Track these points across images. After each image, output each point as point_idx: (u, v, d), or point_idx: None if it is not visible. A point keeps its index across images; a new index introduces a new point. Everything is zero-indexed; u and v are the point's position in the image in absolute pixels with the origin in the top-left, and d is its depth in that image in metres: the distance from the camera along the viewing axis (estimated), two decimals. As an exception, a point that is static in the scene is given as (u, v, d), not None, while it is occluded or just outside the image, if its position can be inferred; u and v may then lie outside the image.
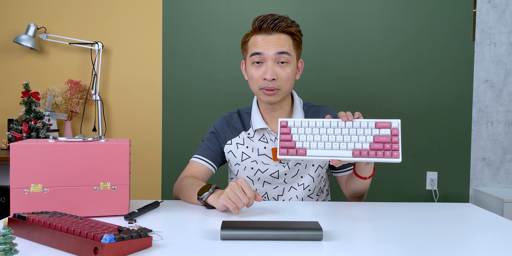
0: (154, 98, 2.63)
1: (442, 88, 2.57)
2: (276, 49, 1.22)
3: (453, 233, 0.89)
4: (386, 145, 1.03)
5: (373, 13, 2.57)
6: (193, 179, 1.24)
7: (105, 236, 0.69)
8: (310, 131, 1.08)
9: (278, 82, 1.24)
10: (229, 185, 1.01)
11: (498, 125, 2.63)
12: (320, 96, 2.54)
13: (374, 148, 1.03)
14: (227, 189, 1.01)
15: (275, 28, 1.23)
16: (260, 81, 1.24)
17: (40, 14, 2.60)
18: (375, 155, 1.03)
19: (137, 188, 2.56)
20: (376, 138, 1.03)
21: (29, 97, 2.31)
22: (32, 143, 0.94)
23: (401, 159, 1.02)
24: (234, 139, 1.36)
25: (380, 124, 1.05)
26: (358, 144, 1.04)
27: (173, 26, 2.61)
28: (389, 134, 1.03)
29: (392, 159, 1.02)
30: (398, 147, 1.02)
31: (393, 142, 1.03)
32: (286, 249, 0.77)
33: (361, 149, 1.04)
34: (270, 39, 1.23)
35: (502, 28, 2.61)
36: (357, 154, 1.04)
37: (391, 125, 1.04)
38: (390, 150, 1.02)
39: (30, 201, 0.93)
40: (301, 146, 1.07)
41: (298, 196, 1.33)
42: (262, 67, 1.24)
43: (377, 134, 1.04)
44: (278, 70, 1.23)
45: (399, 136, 1.03)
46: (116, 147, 0.98)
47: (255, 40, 1.25)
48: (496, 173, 2.64)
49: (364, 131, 1.05)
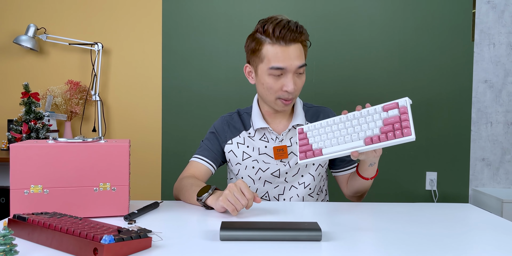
0: (153, 99, 2.63)
1: (441, 89, 2.57)
2: (298, 63, 1.21)
3: (453, 234, 0.89)
4: (396, 124, 0.97)
5: (372, 13, 2.57)
6: (193, 179, 1.24)
7: (104, 236, 0.69)
8: (323, 130, 1.08)
9: (296, 91, 1.25)
10: (228, 186, 1.01)
11: (498, 125, 2.63)
12: (319, 96, 2.55)
13: (384, 131, 0.98)
14: (225, 190, 1.01)
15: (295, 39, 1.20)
16: (279, 92, 1.24)
17: (40, 15, 2.60)
18: (386, 138, 0.97)
19: (137, 188, 2.57)
20: (385, 121, 0.99)
21: (29, 98, 2.31)
22: (32, 144, 0.94)
23: (414, 136, 0.94)
24: (235, 138, 1.36)
25: (387, 106, 1.00)
26: (369, 131, 1.00)
27: (173, 27, 2.61)
28: (398, 113, 0.98)
29: (404, 138, 0.95)
30: (409, 124, 0.95)
31: (403, 120, 0.96)
32: (285, 249, 0.77)
33: (372, 135, 1.00)
34: (290, 52, 1.20)
35: (501, 28, 2.61)
36: (369, 141, 1.00)
37: (398, 105, 0.99)
38: (401, 129, 0.96)
39: (30, 201, 0.93)
40: (316, 147, 1.07)
41: (299, 195, 1.33)
42: (282, 79, 1.22)
43: (386, 117, 0.99)
44: (297, 81, 1.24)
45: (409, 113, 0.97)
46: (116, 148, 0.98)
47: (274, 51, 1.20)
48: (496, 173, 2.65)
49: (373, 117, 1.02)
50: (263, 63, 1.23)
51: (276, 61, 1.20)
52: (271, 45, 1.21)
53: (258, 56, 1.24)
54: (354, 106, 2.56)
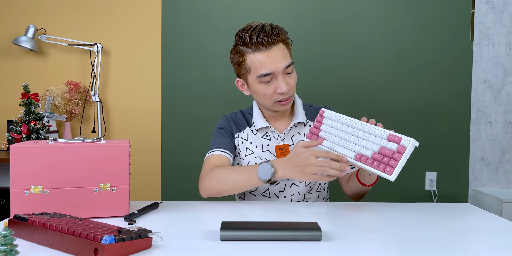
0: (153, 99, 2.63)
1: (441, 89, 2.57)
2: (284, 64, 1.21)
3: (452, 234, 0.90)
4: (385, 158, 0.98)
5: (372, 14, 2.57)
6: (226, 166, 1.24)
7: (105, 237, 0.70)
8: (336, 125, 1.11)
9: (291, 90, 1.25)
10: (302, 157, 1.03)
11: (497, 125, 2.64)
12: (319, 97, 2.55)
13: (374, 157, 1.00)
14: (307, 166, 1.02)
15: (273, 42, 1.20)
16: (275, 95, 1.24)
17: (39, 16, 2.60)
18: (371, 164, 1.00)
19: (137, 189, 2.57)
20: (381, 149, 1.00)
21: (29, 99, 2.31)
22: (32, 145, 0.94)
23: (394, 177, 0.96)
24: (240, 133, 1.37)
25: (392, 137, 1.00)
26: (363, 149, 1.03)
27: (172, 27, 2.61)
28: (395, 149, 0.98)
29: (384, 174, 0.97)
30: (396, 165, 0.96)
31: (393, 158, 0.97)
32: (285, 249, 0.77)
33: (363, 154, 1.03)
34: (273, 55, 1.20)
35: (500, 28, 2.61)
36: (358, 158, 1.03)
37: (400, 141, 0.98)
38: (387, 164, 0.98)
39: (30, 202, 0.94)
40: (322, 135, 1.12)
41: (300, 193, 1.34)
42: (273, 83, 1.23)
43: (384, 146, 1.00)
44: (288, 81, 1.24)
45: (404, 155, 0.96)
46: (116, 148, 0.98)
47: (257, 59, 1.21)
48: (495, 173, 2.65)
49: (375, 139, 1.02)
50: (251, 73, 1.24)
51: (262, 68, 1.20)
52: (253, 54, 1.21)
53: (245, 67, 1.25)
54: (353, 108, 2.57)
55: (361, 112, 2.56)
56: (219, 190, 1.19)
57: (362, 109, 2.57)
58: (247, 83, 1.29)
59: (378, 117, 2.57)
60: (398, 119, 2.58)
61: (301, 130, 1.35)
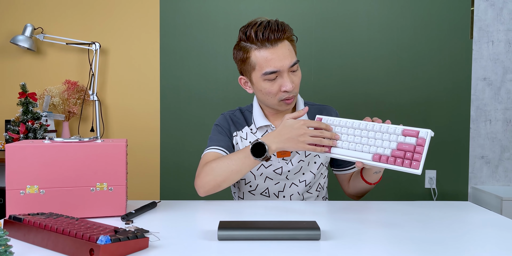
0: (152, 98, 2.62)
1: (440, 86, 2.57)
2: (289, 62, 1.19)
3: (452, 232, 0.89)
4: (408, 153, 0.96)
5: (371, 11, 2.56)
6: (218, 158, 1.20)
7: (101, 237, 0.69)
8: (339, 129, 1.07)
9: (295, 89, 1.23)
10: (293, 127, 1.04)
11: (497, 123, 2.63)
12: (318, 95, 2.54)
13: (395, 155, 0.98)
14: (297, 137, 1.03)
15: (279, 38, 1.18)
16: (279, 94, 1.21)
17: (37, 15, 2.59)
18: (393, 162, 0.97)
19: (136, 188, 2.56)
20: (400, 145, 0.98)
21: (26, 98, 2.30)
22: (27, 144, 0.93)
23: (420, 171, 0.94)
24: (238, 132, 1.35)
25: (407, 131, 0.98)
26: (381, 149, 1.00)
27: (171, 26, 2.60)
28: (414, 143, 0.97)
29: (411, 170, 0.95)
30: (420, 158, 0.95)
31: (416, 152, 0.96)
32: (284, 249, 0.77)
33: (382, 154, 0.99)
34: (279, 52, 1.18)
35: (500, 26, 2.60)
36: (377, 159, 0.99)
37: (418, 134, 0.97)
38: (411, 159, 0.96)
39: (26, 202, 0.93)
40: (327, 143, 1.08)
41: (299, 193, 1.33)
42: (277, 81, 1.20)
43: (402, 141, 0.98)
44: (293, 79, 1.22)
45: (425, 146, 0.96)
46: (113, 148, 0.97)
47: (263, 56, 1.18)
48: (495, 171, 2.64)
49: (389, 137, 1.00)
50: (255, 71, 1.21)
51: (268, 65, 1.18)
52: (258, 51, 1.19)
53: (249, 65, 1.22)
54: (352, 105, 2.56)
55: (360, 110, 2.56)
56: (217, 182, 1.14)
57: (361, 107, 2.56)
58: (250, 81, 1.27)
59: (377, 115, 2.56)
60: (397, 117, 2.58)
61: None
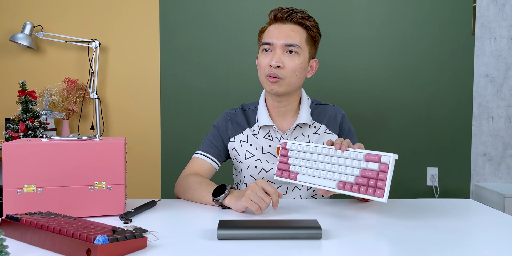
0: (152, 96, 2.61)
1: (442, 83, 2.55)
2: (286, 40, 1.20)
3: (455, 230, 0.88)
4: (371, 181, 0.92)
5: (372, 8, 2.54)
6: (199, 177, 1.21)
7: (98, 237, 0.68)
8: (304, 155, 1.05)
9: (283, 71, 1.21)
10: (249, 186, 1.00)
11: (499, 120, 2.61)
12: (319, 93, 2.52)
13: (358, 182, 0.94)
14: (247, 190, 0.99)
15: (289, 17, 1.21)
16: (267, 68, 1.22)
17: (36, 12, 2.58)
18: (358, 190, 0.93)
19: (136, 187, 2.55)
20: (363, 172, 0.94)
21: (26, 96, 2.29)
22: (24, 143, 0.92)
23: (386, 199, 0.90)
24: (238, 136, 1.32)
25: (369, 156, 0.94)
26: (344, 176, 0.96)
27: (171, 23, 2.59)
28: (377, 169, 0.92)
29: (375, 198, 0.91)
30: (384, 186, 0.90)
31: (379, 179, 0.91)
32: (285, 248, 0.75)
33: (345, 181, 0.96)
34: (282, 29, 1.21)
35: (502, 22, 2.58)
36: (341, 187, 0.96)
37: (380, 159, 0.92)
38: (374, 187, 0.91)
39: (23, 201, 0.92)
40: (293, 170, 1.07)
41: (301, 196, 1.30)
42: (270, 55, 1.22)
43: (364, 168, 0.94)
44: (285, 59, 1.21)
45: (389, 172, 0.90)
46: (111, 146, 0.96)
47: (269, 29, 1.24)
48: (497, 168, 2.63)
49: (352, 162, 0.96)
50: (260, 42, 1.28)
51: (267, 36, 1.23)
52: (269, 26, 1.26)
53: (260, 39, 1.29)
54: (354, 103, 2.54)
55: (362, 108, 2.54)
56: (184, 198, 1.21)
57: (362, 105, 2.55)
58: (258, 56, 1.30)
59: (379, 113, 2.55)
60: (399, 114, 2.56)
61: (305, 132, 1.30)
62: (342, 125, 1.34)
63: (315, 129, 1.31)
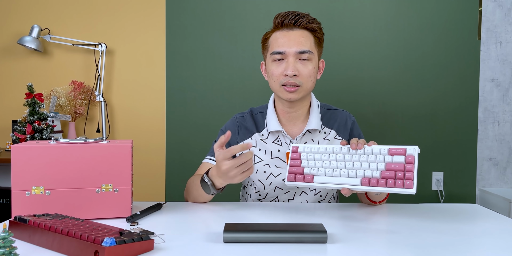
0: (158, 99, 2.62)
1: (448, 88, 2.54)
2: (298, 48, 1.19)
3: (460, 235, 0.87)
4: (399, 173, 0.91)
5: (377, 11, 2.55)
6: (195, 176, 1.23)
7: (106, 239, 0.68)
8: (319, 156, 1.02)
9: (300, 78, 1.20)
10: (221, 169, 1.02)
11: (505, 125, 2.60)
12: (324, 95, 2.52)
13: (385, 176, 0.93)
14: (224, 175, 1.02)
15: (296, 23, 1.20)
16: (281, 77, 1.21)
17: (43, 16, 2.60)
18: (385, 184, 0.92)
19: (142, 189, 2.56)
20: (388, 166, 0.93)
21: (33, 99, 2.31)
22: (33, 145, 0.93)
23: (415, 190, 0.89)
24: (246, 141, 1.31)
25: (394, 150, 0.94)
26: (368, 171, 0.95)
27: (177, 27, 2.60)
28: (403, 161, 0.92)
29: (404, 190, 0.90)
30: (412, 176, 0.90)
31: (407, 170, 0.91)
32: (290, 252, 0.76)
33: (370, 177, 0.94)
34: (291, 36, 1.20)
35: (508, 26, 2.58)
36: (366, 183, 0.94)
37: (406, 152, 0.93)
38: (403, 179, 0.91)
39: (31, 203, 0.93)
40: (309, 172, 1.02)
41: (308, 201, 1.29)
42: (283, 64, 1.21)
43: (390, 161, 0.94)
44: (299, 67, 1.20)
45: (415, 164, 0.91)
46: (118, 149, 0.97)
47: (276, 37, 1.22)
48: (503, 173, 2.62)
49: (376, 158, 0.95)
50: (268, 51, 1.25)
51: (276, 45, 1.21)
52: (275, 32, 1.24)
53: (266, 46, 1.27)
54: (358, 106, 2.54)
55: (366, 111, 2.54)
56: (190, 200, 1.23)
57: (367, 108, 2.54)
58: (265, 64, 1.29)
59: (384, 117, 2.55)
60: (404, 118, 2.56)
61: (315, 137, 1.29)
62: (352, 131, 1.34)
63: (324, 134, 1.30)
